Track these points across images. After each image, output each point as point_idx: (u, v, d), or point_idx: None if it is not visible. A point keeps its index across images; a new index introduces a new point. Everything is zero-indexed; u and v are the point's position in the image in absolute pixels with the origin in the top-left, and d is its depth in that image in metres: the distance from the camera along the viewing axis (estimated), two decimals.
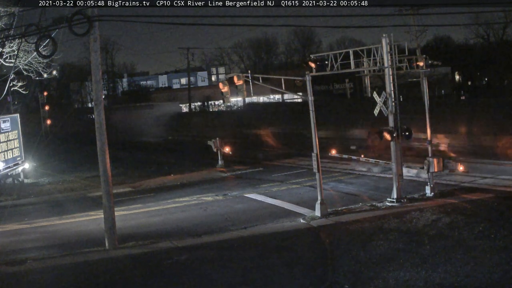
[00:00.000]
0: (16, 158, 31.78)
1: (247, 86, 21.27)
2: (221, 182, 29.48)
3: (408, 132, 20.72)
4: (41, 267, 15.70)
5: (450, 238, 15.82)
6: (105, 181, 17.36)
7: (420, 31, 45.80)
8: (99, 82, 17.41)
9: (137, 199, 25.64)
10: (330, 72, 21.98)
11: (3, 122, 30.68)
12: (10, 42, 26.22)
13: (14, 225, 21.88)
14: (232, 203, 23.42)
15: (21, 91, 32.41)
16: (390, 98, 20.58)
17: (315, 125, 19.99)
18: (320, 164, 19.96)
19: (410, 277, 13.01)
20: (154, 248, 17.05)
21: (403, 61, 22.69)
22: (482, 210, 18.62)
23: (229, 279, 13.88)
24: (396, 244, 15.66)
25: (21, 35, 19.06)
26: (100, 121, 17.22)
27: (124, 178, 31.77)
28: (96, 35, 16.82)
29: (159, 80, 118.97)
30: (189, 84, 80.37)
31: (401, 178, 20.95)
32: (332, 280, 13.33)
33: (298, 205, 21.76)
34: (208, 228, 19.23)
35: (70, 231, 20.29)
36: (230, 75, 26.83)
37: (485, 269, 13.09)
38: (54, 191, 29.42)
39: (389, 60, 20.72)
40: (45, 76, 31.18)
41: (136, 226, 20.41)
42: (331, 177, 27.12)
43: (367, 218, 18.77)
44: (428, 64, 22.65)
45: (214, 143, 33.59)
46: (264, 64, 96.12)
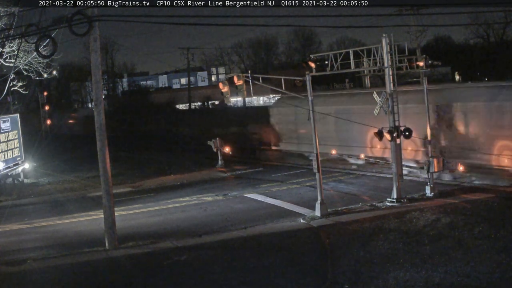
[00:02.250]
0: (16, 158, 31.78)
1: (247, 86, 21.29)
2: (221, 182, 29.48)
3: (408, 132, 20.72)
4: (41, 267, 15.70)
5: (450, 238, 15.82)
6: (105, 181, 17.36)
7: (420, 31, 45.83)
8: (99, 82, 17.42)
9: (137, 199, 25.64)
10: (330, 72, 21.99)
11: (3, 122, 30.68)
12: (10, 42, 26.22)
13: (14, 225, 21.88)
14: (232, 203, 23.42)
15: (21, 91, 32.39)
16: (390, 98, 20.59)
17: (315, 125, 20.00)
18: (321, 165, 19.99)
19: (410, 277, 13.01)
20: (154, 248, 17.06)
21: (403, 61, 22.69)
22: (482, 210, 18.61)
23: (229, 279, 13.88)
24: (396, 244, 15.65)
25: (21, 35, 19.06)
26: (100, 121, 17.22)
27: (124, 178, 31.78)
28: (96, 35, 16.83)
29: (159, 80, 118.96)
30: (189, 84, 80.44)
31: (401, 178, 20.96)
32: (332, 280, 13.33)
33: (298, 205, 21.76)
34: (208, 228, 19.23)
35: (70, 231, 20.29)
36: (230, 75, 26.84)
37: (485, 269, 13.09)
38: (54, 191, 29.42)
39: (389, 60, 20.72)
40: (45, 76, 31.19)
41: (136, 226, 20.41)
42: (331, 177, 27.11)
43: (367, 218, 18.76)
44: (428, 64, 22.63)
45: (214, 143, 33.57)
46: (264, 64, 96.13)
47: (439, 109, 25.21)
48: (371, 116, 21.77)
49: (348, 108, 29.93)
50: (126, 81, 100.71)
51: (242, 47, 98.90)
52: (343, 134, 30.15)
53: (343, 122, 26.68)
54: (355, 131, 28.45)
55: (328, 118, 27.89)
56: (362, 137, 28.54)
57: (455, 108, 25.00)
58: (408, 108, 24.77)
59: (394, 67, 21.00)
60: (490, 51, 67.97)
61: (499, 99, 23.76)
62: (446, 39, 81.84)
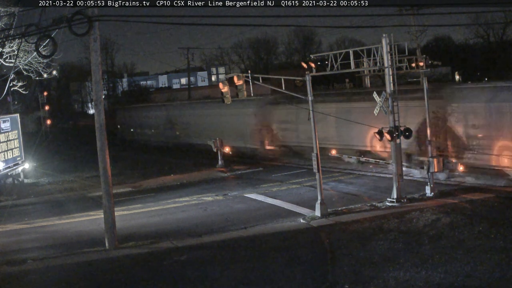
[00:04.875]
0: (16, 158, 31.78)
1: (247, 86, 21.27)
2: (221, 182, 29.48)
3: (408, 132, 20.73)
4: (41, 267, 15.71)
5: (450, 238, 15.82)
6: (105, 181, 17.36)
7: (420, 31, 45.72)
8: (99, 82, 17.42)
9: (137, 199, 25.64)
10: (330, 72, 21.98)
11: (3, 122, 30.68)
12: (10, 42, 26.24)
13: (14, 225, 21.89)
14: (232, 203, 23.43)
15: (21, 91, 32.43)
16: (390, 98, 20.59)
17: (314, 125, 19.99)
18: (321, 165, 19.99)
19: (410, 277, 13.01)
20: (154, 248, 17.06)
21: (403, 61, 22.70)
22: (482, 210, 18.62)
23: (229, 279, 13.88)
24: (396, 244, 15.66)
25: (21, 35, 19.06)
26: (100, 121, 17.22)
27: (124, 178, 31.79)
28: (96, 35, 16.83)
29: (159, 80, 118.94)
30: (189, 84, 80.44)
31: (401, 178, 20.96)
32: (332, 280, 13.33)
33: (298, 205, 21.76)
34: (208, 228, 19.23)
35: (70, 231, 20.30)
36: (230, 75, 26.83)
37: (485, 269, 13.09)
38: (54, 191, 29.44)
39: (389, 60, 20.72)
40: (45, 76, 31.22)
41: (136, 226, 20.41)
42: (331, 177, 27.11)
43: (367, 218, 18.77)
44: (428, 64, 22.65)
45: (214, 143, 33.58)
46: (264, 64, 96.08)
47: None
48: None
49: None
50: (126, 81, 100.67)
51: (242, 47, 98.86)
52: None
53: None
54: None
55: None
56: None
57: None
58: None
59: (394, 67, 21.00)
60: (490, 51, 67.98)
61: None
62: (446, 39, 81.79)
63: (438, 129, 25.09)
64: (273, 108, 35.80)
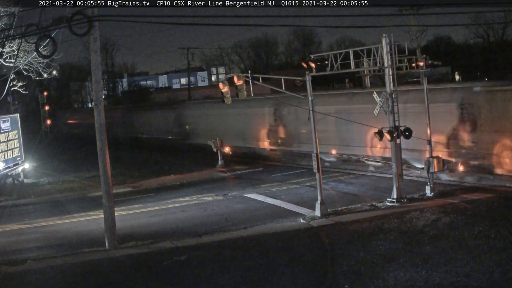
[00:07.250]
0: (16, 158, 31.79)
1: (247, 86, 21.27)
2: (221, 182, 29.48)
3: (407, 132, 20.71)
4: (41, 267, 15.71)
5: (450, 238, 15.81)
6: (105, 181, 17.36)
7: (420, 31, 45.80)
8: (99, 82, 17.42)
9: (137, 199, 25.64)
10: (330, 72, 21.97)
11: (3, 122, 30.68)
12: (10, 42, 26.26)
13: (14, 225, 21.89)
14: (232, 203, 23.43)
15: (21, 91, 32.46)
16: (390, 98, 20.59)
17: (314, 125, 19.99)
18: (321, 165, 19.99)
19: (410, 277, 13.00)
20: (154, 248, 17.06)
21: (403, 61, 22.67)
22: (482, 210, 18.61)
23: (229, 279, 13.88)
24: (396, 244, 15.65)
25: (21, 35, 19.09)
26: (100, 121, 17.22)
27: (124, 178, 31.78)
28: (96, 35, 16.82)
29: (159, 80, 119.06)
30: (189, 84, 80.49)
31: (401, 178, 20.96)
32: (332, 280, 13.33)
33: (298, 205, 21.76)
34: (208, 228, 19.23)
35: (70, 231, 20.30)
36: (230, 75, 26.80)
37: (485, 269, 13.08)
38: (54, 191, 29.43)
39: (389, 60, 20.70)
40: (45, 76, 31.25)
41: (136, 226, 20.41)
42: (331, 177, 27.11)
43: (367, 218, 18.77)
44: (428, 64, 22.62)
45: (214, 143, 33.57)
46: (264, 64, 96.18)
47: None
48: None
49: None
50: (126, 81, 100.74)
51: (242, 47, 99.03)
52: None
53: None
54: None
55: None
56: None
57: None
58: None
59: (394, 67, 20.98)
60: (490, 51, 68.03)
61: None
62: (446, 39, 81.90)
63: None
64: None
